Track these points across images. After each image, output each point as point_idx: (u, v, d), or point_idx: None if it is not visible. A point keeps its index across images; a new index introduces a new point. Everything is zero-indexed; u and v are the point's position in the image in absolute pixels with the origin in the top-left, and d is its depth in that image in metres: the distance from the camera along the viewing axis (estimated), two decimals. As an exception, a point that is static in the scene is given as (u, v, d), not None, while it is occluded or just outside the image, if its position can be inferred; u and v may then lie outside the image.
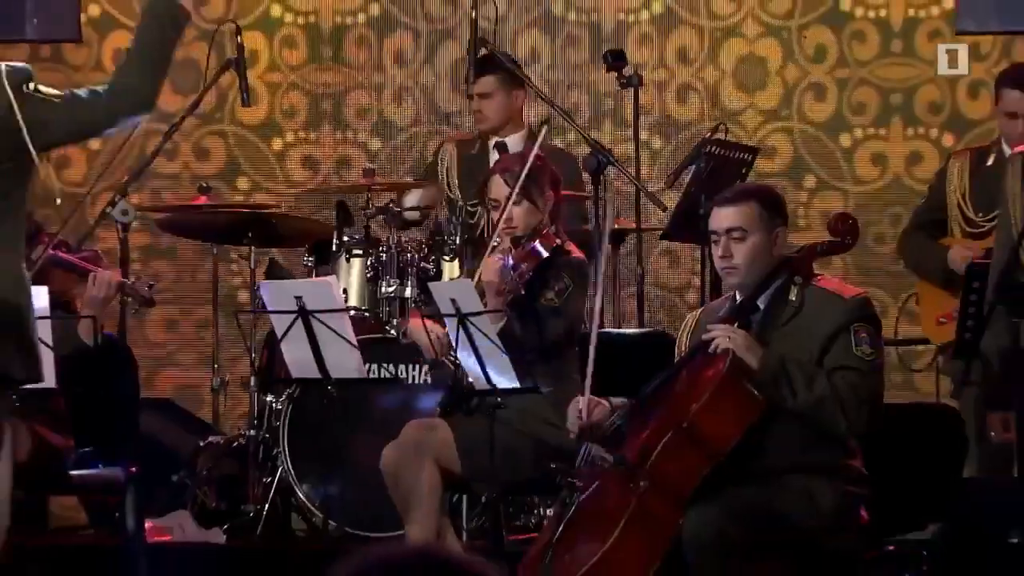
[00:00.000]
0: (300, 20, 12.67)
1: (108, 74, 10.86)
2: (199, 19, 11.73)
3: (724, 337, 7.35)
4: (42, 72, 8.17)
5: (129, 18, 12.11)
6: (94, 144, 11.58)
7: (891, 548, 7.79)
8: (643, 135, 11.50)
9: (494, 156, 10.23)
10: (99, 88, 6.85)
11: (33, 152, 6.72)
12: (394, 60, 12.59)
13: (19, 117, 6.64)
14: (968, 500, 7.96)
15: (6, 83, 6.66)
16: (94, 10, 12.22)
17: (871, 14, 11.36)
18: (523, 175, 8.69)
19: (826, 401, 7.22)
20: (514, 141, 10.41)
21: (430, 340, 8.61)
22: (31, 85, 6.85)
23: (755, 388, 7.34)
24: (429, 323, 8.58)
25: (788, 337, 7.42)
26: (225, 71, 10.31)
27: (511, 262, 8.38)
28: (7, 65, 6.92)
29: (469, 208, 9.69)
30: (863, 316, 7.43)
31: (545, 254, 8.41)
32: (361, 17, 12.51)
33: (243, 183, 12.57)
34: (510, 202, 8.59)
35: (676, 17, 11.67)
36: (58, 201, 8.49)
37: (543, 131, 9.47)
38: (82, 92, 6.94)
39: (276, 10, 12.63)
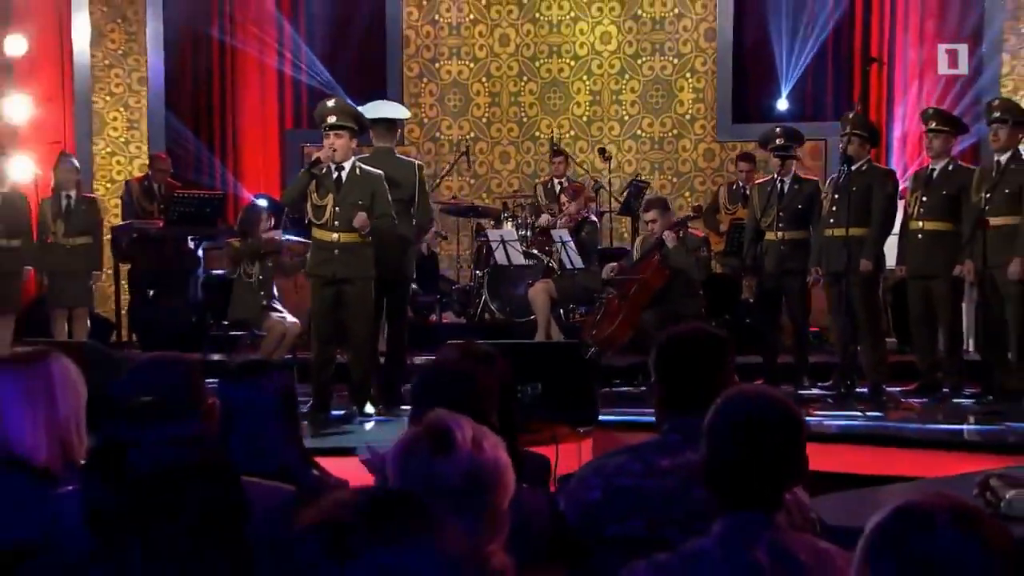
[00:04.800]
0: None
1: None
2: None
3: (669, 232, 7.30)
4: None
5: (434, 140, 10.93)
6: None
7: (714, 324, 7.16)
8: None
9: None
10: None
11: (415, 207, 6.76)
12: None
13: (417, 192, 6.70)
14: (740, 306, 8.04)
15: (416, 174, 6.72)
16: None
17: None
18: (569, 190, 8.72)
19: (696, 263, 7.30)
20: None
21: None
22: (424, 175, 6.92)
23: (668, 265, 7.32)
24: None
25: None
26: (461, 155, 10.10)
27: (568, 220, 8.31)
28: (419, 161, 7.06)
29: (548, 205, 9.21)
30: (707, 243, 7.61)
31: (579, 219, 8.26)
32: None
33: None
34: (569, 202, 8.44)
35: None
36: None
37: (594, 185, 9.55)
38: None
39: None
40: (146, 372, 2.16)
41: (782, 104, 10.52)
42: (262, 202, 8.75)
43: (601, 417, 6.07)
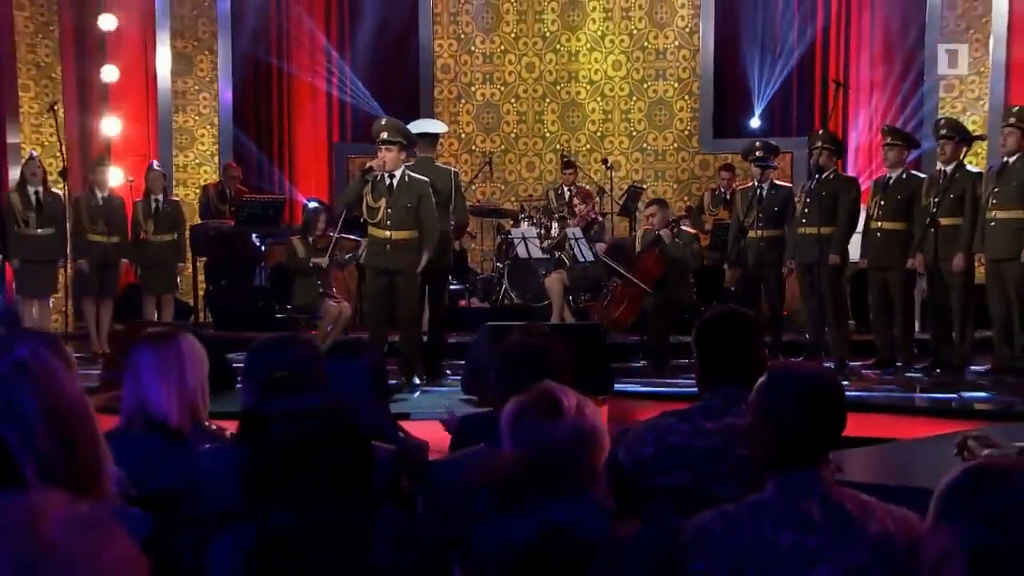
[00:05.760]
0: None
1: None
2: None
3: (665, 230, 7.30)
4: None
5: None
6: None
7: (703, 307, 7.10)
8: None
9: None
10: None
11: (452, 207, 6.66)
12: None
13: (453, 194, 6.61)
14: (724, 294, 7.90)
15: (452, 180, 6.64)
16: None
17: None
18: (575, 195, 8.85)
19: (691, 254, 7.35)
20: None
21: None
22: (459, 181, 6.91)
23: (665, 257, 7.28)
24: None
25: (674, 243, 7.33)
26: (485, 164, 10.02)
27: (578, 220, 8.26)
28: (455, 169, 7.02)
29: (559, 209, 9.06)
30: (697, 239, 7.60)
31: (588, 220, 8.23)
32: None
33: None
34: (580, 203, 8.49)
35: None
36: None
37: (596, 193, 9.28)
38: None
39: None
40: (275, 351, 2.13)
41: (755, 122, 10.44)
42: (313, 204, 8.76)
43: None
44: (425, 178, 6.36)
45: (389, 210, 6.22)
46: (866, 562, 1.66)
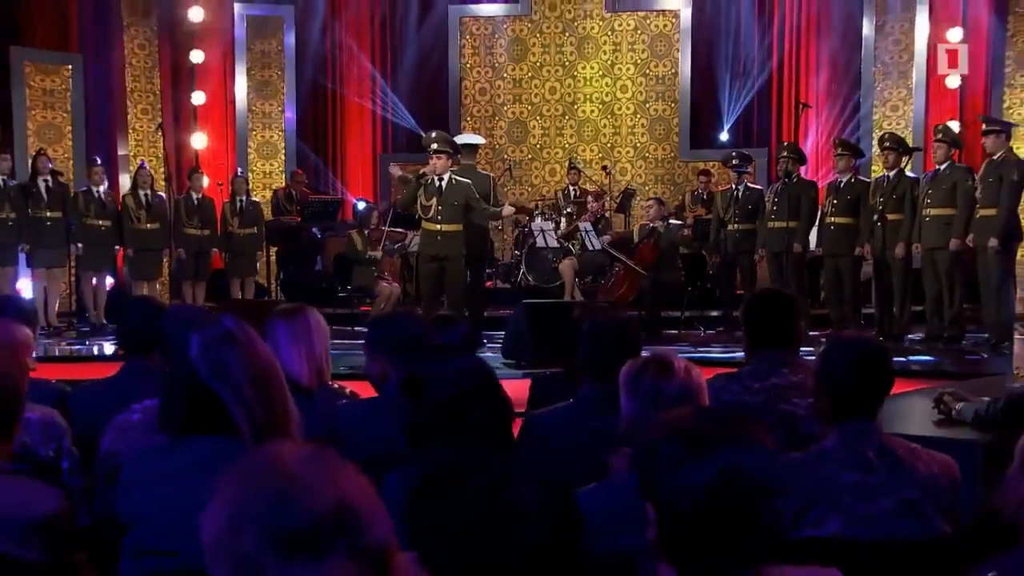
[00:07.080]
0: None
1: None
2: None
3: (658, 219, 7.24)
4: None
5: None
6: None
7: (690, 288, 7.48)
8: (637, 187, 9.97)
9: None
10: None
11: (492, 204, 6.51)
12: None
13: (492, 194, 6.47)
14: (707, 277, 7.81)
15: (491, 183, 6.52)
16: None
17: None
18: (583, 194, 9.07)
19: (679, 244, 7.26)
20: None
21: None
22: (495, 183, 6.74)
23: (660, 246, 7.16)
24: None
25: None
26: (506, 170, 9.81)
27: (590, 216, 8.22)
28: (492, 174, 6.85)
29: (567, 207, 8.77)
30: (682, 229, 7.53)
31: (598, 215, 8.19)
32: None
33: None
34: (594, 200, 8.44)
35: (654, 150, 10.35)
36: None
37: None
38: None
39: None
40: (401, 324, 2.09)
41: (724, 136, 10.33)
42: (363, 204, 8.72)
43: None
44: (468, 180, 6.31)
45: (440, 207, 6.13)
46: (917, 497, 1.64)
